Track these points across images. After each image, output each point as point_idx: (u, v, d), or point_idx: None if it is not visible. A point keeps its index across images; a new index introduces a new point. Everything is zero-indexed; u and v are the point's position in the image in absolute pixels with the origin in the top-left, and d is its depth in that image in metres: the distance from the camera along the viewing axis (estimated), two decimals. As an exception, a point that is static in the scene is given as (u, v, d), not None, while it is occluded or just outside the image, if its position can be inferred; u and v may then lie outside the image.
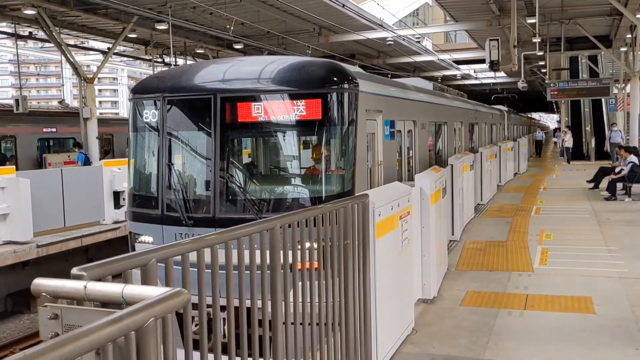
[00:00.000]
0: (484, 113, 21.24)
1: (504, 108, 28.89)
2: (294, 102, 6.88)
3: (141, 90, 7.79)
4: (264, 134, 7.50)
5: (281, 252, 3.58)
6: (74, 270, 2.25)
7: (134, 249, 7.23)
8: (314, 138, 7.24)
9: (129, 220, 7.82)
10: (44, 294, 2.08)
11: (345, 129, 7.06)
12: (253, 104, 6.90)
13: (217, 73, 7.50)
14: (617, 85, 30.48)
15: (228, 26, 20.07)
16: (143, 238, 7.37)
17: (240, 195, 7.13)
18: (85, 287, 2.05)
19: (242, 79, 7.23)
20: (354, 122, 7.13)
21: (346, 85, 7.14)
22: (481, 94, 49.15)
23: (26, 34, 23.10)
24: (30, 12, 18.51)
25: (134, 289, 2.02)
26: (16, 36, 21.88)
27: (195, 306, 2.83)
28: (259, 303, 3.37)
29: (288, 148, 7.44)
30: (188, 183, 7.34)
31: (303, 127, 7.13)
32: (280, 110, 6.93)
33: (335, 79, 7.19)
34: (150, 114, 7.46)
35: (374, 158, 8.18)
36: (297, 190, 7.28)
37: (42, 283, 2.11)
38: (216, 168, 6.96)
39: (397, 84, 11.10)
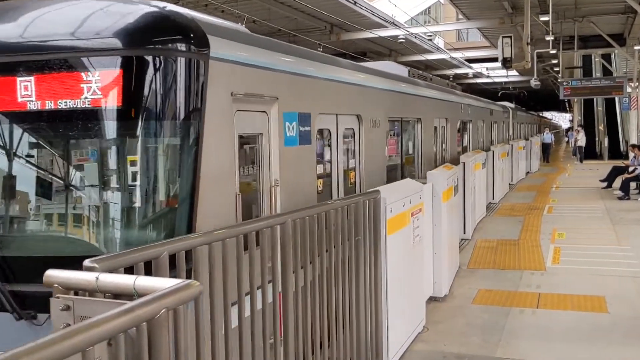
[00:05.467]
0: (481, 109, 18.38)
1: (509, 105, 28.23)
2: (80, 74, 3.95)
3: None
4: (25, 137, 4.36)
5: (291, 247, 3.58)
6: (86, 262, 2.26)
7: None
8: (115, 144, 4.14)
9: None
10: (56, 285, 2.08)
11: (177, 126, 4.10)
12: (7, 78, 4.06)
13: None
14: (630, 84, 30.17)
15: (239, 24, 20.10)
16: None
17: None
18: (97, 278, 2.05)
19: None
20: (197, 113, 4.14)
21: (178, 44, 4.13)
22: (493, 93, 48.90)
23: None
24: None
25: (146, 281, 2.02)
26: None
27: None
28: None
29: (65, 164, 4.33)
30: None
31: (92, 123, 4.04)
32: (55, 90, 3.99)
33: (154, 31, 4.13)
34: None
35: (261, 176, 5.09)
36: (80, 239, 4.22)
37: (55, 274, 2.12)
38: None
39: (318, 56, 7.06)
